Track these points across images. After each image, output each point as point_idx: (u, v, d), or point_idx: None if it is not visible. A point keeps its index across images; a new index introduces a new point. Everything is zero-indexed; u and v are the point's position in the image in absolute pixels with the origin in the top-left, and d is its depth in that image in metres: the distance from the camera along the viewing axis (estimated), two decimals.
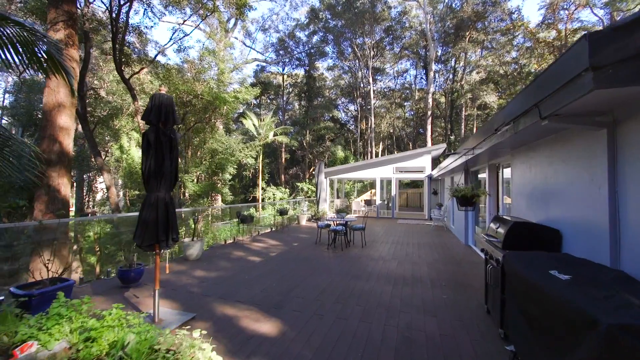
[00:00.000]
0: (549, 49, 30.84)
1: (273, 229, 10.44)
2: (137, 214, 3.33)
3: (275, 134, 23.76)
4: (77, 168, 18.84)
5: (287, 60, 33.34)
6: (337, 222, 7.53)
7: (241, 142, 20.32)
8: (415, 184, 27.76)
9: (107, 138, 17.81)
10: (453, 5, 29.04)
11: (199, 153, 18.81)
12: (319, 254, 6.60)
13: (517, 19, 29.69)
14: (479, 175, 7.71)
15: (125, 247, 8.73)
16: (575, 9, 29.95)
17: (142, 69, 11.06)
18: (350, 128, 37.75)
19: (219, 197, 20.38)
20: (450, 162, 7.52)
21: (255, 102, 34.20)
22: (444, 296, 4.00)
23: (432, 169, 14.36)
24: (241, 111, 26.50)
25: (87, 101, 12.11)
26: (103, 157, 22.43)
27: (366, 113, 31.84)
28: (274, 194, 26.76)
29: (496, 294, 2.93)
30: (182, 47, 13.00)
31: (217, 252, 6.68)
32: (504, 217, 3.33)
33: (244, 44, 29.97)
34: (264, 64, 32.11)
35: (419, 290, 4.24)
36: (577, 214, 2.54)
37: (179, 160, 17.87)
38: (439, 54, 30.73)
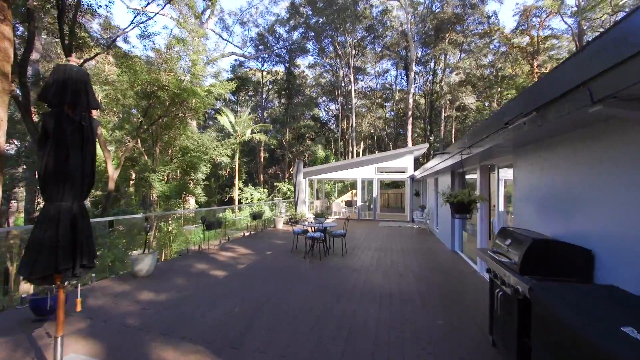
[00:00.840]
0: (522, 54, 31.87)
1: (246, 234, 9.55)
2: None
3: (253, 132, 22.69)
4: (29, 167, 16.88)
5: (266, 56, 32.24)
6: (315, 227, 6.81)
7: (215, 139, 19.13)
8: (396, 184, 27.65)
9: None
10: (433, 7, 29.24)
11: (170, 151, 17.46)
12: (295, 265, 5.84)
13: (494, 23, 30.36)
14: (467, 177, 7.27)
15: None
16: (547, 17, 31.12)
17: (96, 54, 9.77)
18: (331, 127, 37.22)
19: (193, 199, 19.10)
20: (437, 163, 7.02)
21: (233, 99, 32.81)
22: (438, 322, 3.38)
23: (415, 170, 14.00)
24: (218, 107, 25.15)
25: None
26: None
27: (347, 112, 31.40)
28: (251, 195, 25.65)
29: (509, 329, 2.32)
30: (146, 32, 11.74)
31: (176, 265, 5.75)
32: (515, 230, 2.74)
33: (221, 36, 28.59)
34: (242, 58, 30.84)
35: (410, 313, 3.61)
36: (618, 229, 1.96)
37: (145, 158, 16.51)
38: (419, 55, 30.86)
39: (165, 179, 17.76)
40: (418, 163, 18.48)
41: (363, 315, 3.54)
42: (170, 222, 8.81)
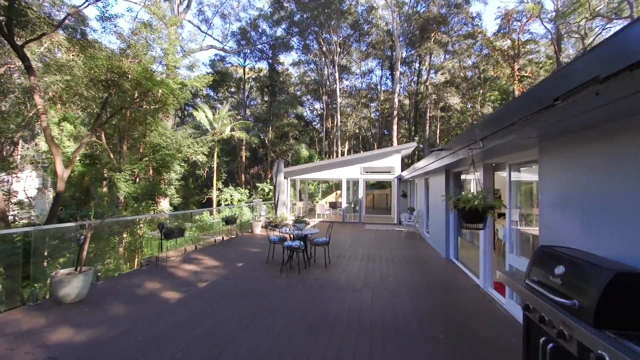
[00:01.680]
0: (503, 57, 32.31)
1: (219, 240, 8.49)
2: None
3: (232, 129, 21.45)
4: None
5: (248, 51, 30.93)
6: (294, 235, 5.91)
7: (191, 136, 17.81)
8: (381, 185, 27.14)
9: (14, 126, 14.26)
10: (418, 7, 29.02)
11: (142, 149, 16.00)
12: (268, 282, 4.91)
13: (477, 25, 30.54)
14: (462, 177, 6.59)
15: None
16: (527, 21, 31.67)
17: (42, 35, 8.41)
18: (316, 127, 36.37)
19: (167, 200, 17.68)
20: (430, 162, 6.29)
21: (214, 96, 31.27)
22: None
23: (402, 170, 13.37)
24: (198, 103, 23.68)
25: None
26: (18, 152, 18.41)
27: (332, 111, 30.67)
28: (231, 196, 24.38)
29: None
30: (106, 14, 10.41)
31: (120, 285, 4.68)
32: (565, 252, 1.95)
33: (199, 29, 27.07)
34: (223, 53, 29.39)
35: (410, 353, 2.78)
36: None
37: (111, 155, 15.02)
38: (404, 55, 30.61)
39: (135, 179, 16.31)
40: (403, 163, 17.95)
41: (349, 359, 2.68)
42: (129, 228, 7.64)
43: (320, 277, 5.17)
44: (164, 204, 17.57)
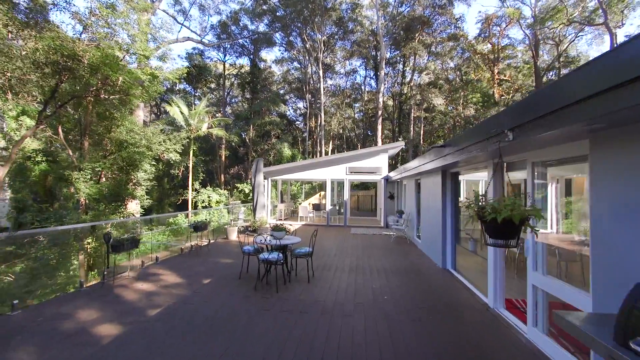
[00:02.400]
0: (484, 61, 32.84)
1: (187, 248, 7.45)
2: None
3: (210, 126, 20.17)
4: None
5: (228, 46, 29.57)
6: (272, 246, 5.04)
7: (163, 133, 16.43)
8: (365, 186, 26.65)
9: None
10: (402, 8, 28.81)
11: (109, 145, 14.49)
12: (239, 305, 4.02)
13: (460, 28, 30.79)
14: (460, 178, 5.97)
15: None
16: (507, 26, 32.33)
17: None
18: (299, 126, 35.49)
19: (136, 203, 16.18)
20: (425, 162, 5.62)
21: (194, 93, 29.61)
22: None
23: (389, 170, 12.77)
24: (176, 97, 22.11)
25: None
26: None
27: (316, 110, 29.91)
28: (209, 197, 23.04)
29: None
30: None
31: (41, 316, 3.64)
32: None
33: (175, 19, 25.44)
34: (201, 46, 27.82)
35: None
36: None
37: (70, 152, 13.47)
38: (388, 56, 30.37)
39: (99, 179, 14.79)
40: (388, 164, 17.42)
41: None
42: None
43: (302, 296, 4.34)
44: (133, 207, 16.09)
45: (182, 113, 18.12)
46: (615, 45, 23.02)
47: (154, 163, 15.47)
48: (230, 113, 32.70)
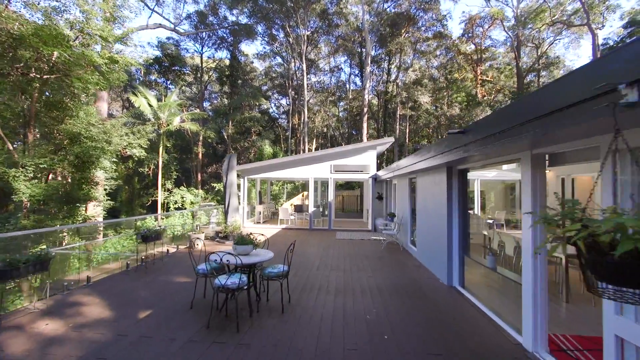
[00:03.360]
0: (467, 61, 32.78)
1: (133, 266, 6.02)
2: None
3: (183, 120, 18.47)
4: None
5: (206, 36, 27.69)
6: (234, 266, 3.77)
7: (127, 126, 14.67)
8: (351, 185, 25.67)
9: None
10: (386, 5, 28.05)
11: (60, 139, 12.61)
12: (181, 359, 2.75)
13: (445, 26, 30.48)
14: (469, 176, 4.94)
15: None
16: (489, 27, 32.41)
17: None
18: (282, 125, 34.06)
19: (97, 205, 14.28)
20: (426, 157, 4.55)
21: (169, 85, 27.47)
22: None
23: (378, 169, 11.75)
24: (143, 87, 20.13)
25: None
26: None
27: (299, 107, 28.66)
28: (182, 198, 21.28)
29: None
30: None
31: None
32: None
33: (145, 4, 23.34)
34: (174, 35, 25.75)
35: None
36: None
37: (9, 146, 11.55)
38: (373, 54, 29.60)
39: (48, 178, 12.89)
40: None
41: None
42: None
43: (274, 339, 3.12)
44: (94, 210, 14.19)
45: (150, 105, 16.35)
46: (598, 45, 23.29)
47: (115, 160, 13.69)
48: (210, 109, 30.80)
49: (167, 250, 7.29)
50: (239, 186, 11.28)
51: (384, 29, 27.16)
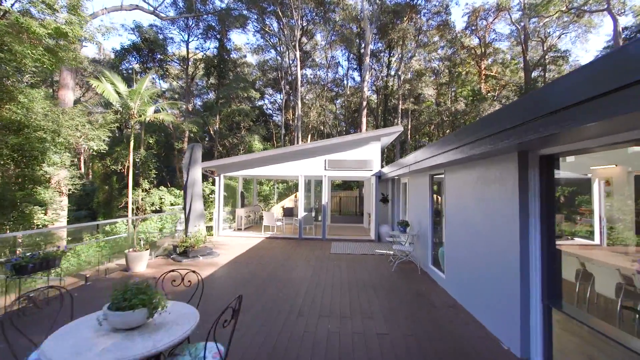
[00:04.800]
0: (470, 55, 30.95)
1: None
2: None
3: (158, 110, 16.25)
4: None
5: (193, 24, 25.45)
6: None
7: (85, 114, 12.44)
8: (348, 185, 23.60)
9: None
10: None
11: None
12: None
13: (449, 14, 28.68)
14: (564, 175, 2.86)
15: None
16: (494, 19, 30.62)
17: None
18: (277, 121, 31.91)
19: (58, 209, 12.00)
20: (496, 130, 2.45)
21: (157, 77, 25.08)
22: None
23: (382, 165, 9.66)
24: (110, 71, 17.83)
25: None
26: None
27: (293, 102, 26.56)
28: (161, 199, 19.05)
29: None
30: None
31: None
32: None
33: None
34: (155, 19, 23.37)
35: None
36: None
37: None
38: (372, 47, 27.65)
39: None
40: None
41: None
42: None
43: None
44: (59, 214, 11.91)
45: (118, 92, 14.11)
46: (619, 32, 21.41)
47: (69, 154, 11.45)
48: (201, 105, 28.57)
49: (86, 278, 5.10)
50: (208, 183, 9.10)
51: (385, 16, 25.10)
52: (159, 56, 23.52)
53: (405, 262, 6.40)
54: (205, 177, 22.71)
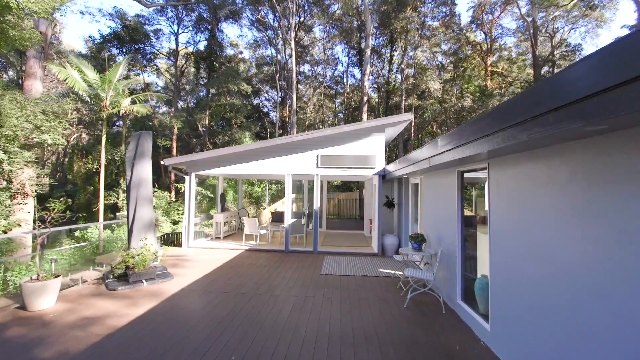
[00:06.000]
0: (475, 50, 29.41)
1: None
2: None
3: (134, 102, 14.54)
4: None
5: (183, 14, 23.81)
6: None
7: (43, 104, 10.76)
8: (348, 187, 21.91)
9: None
10: None
11: None
12: None
13: (455, 4, 27.16)
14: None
15: None
16: (501, 13, 29.15)
17: None
18: (273, 120, 30.26)
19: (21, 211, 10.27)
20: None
21: (143, 75, 23.41)
22: None
23: (387, 162, 7.95)
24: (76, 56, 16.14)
25: None
26: None
27: (289, 101, 24.92)
28: None
29: None
30: None
31: None
32: None
33: None
34: (144, 10, 21.75)
35: None
36: None
37: None
38: (374, 43, 26.06)
39: None
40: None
41: None
42: None
43: None
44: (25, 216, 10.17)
45: (84, 80, 12.40)
46: None
47: (19, 150, 9.73)
48: (195, 104, 26.92)
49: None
50: (175, 182, 7.39)
51: (387, 5, 23.42)
52: (145, 48, 21.82)
53: (425, 294, 4.66)
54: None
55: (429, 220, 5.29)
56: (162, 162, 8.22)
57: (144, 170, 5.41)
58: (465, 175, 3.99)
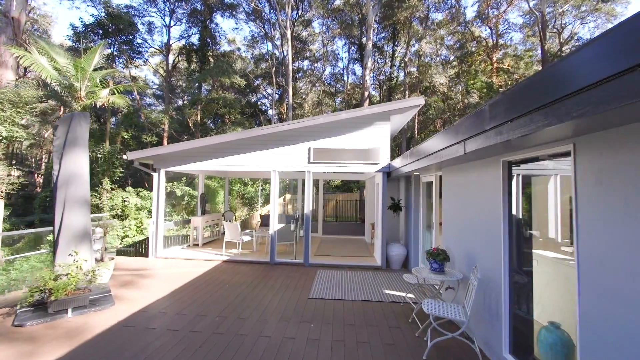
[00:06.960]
0: (481, 46, 28.27)
1: None
2: None
3: (113, 92, 13.29)
4: None
5: (176, 5, 22.58)
6: None
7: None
8: (348, 187, 20.60)
9: None
10: None
11: None
12: None
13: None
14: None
15: None
16: (508, 7, 27.95)
17: None
18: (270, 117, 29.03)
19: None
20: None
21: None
22: None
23: (393, 157, 6.68)
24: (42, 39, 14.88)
25: None
26: None
27: (286, 95, 23.68)
28: (124, 201, 16.07)
29: None
30: None
31: None
32: None
33: None
34: (134, 1, 20.50)
35: None
36: None
37: None
38: (375, 39, 24.84)
39: None
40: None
41: None
42: None
43: None
44: None
45: (56, 68, 11.14)
46: None
47: None
48: (189, 100, 25.73)
49: None
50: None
51: None
52: (134, 41, 20.55)
53: (455, 340, 3.34)
54: (187, 176, 19.67)
55: (452, 230, 3.99)
56: (124, 156, 6.93)
57: (77, 162, 4.13)
58: (515, 168, 2.69)
